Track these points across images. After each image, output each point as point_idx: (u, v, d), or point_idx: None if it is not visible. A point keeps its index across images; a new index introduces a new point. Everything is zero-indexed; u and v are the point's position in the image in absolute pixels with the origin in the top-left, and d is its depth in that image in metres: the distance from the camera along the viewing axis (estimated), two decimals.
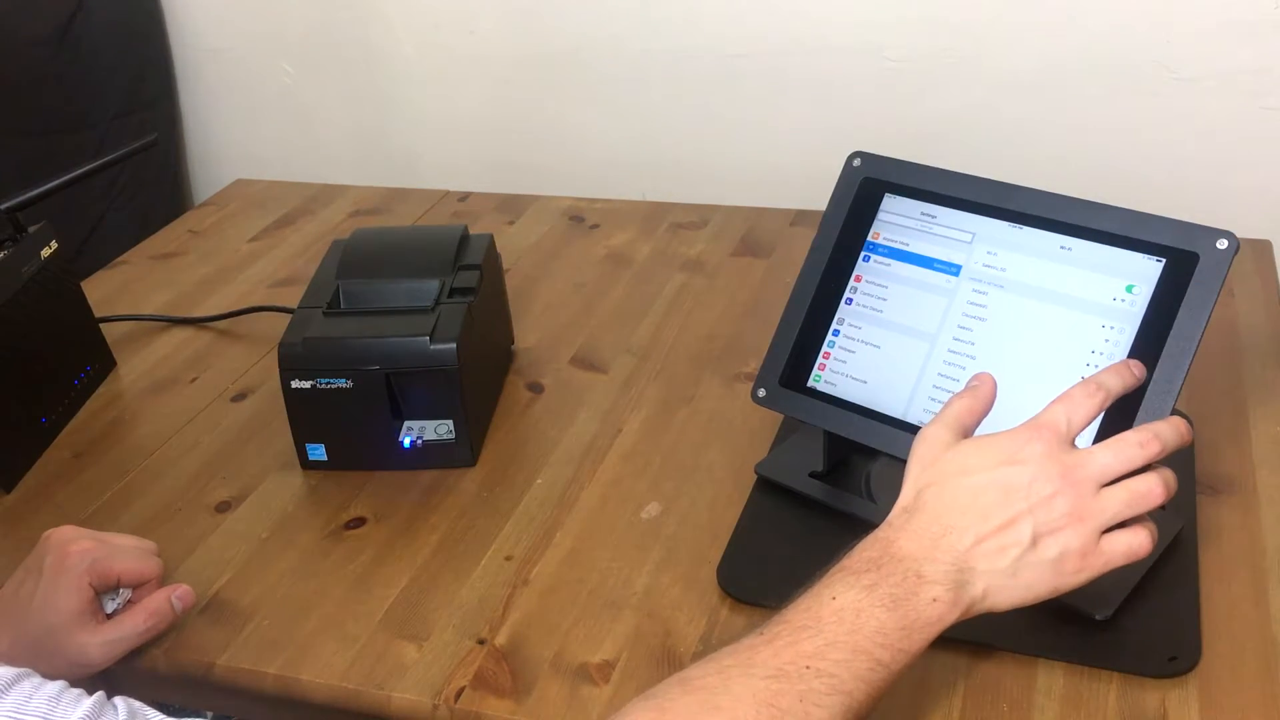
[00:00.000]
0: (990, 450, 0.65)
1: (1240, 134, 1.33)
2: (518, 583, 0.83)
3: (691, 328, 1.15)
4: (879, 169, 0.86)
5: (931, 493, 0.65)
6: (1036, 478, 0.64)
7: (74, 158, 1.10)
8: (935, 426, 0.69)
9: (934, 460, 0.67)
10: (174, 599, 0.79)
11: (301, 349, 0.92)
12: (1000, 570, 0.63)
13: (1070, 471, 0.64)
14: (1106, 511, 0.64)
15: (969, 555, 0.63)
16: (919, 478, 0.67)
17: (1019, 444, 0.65)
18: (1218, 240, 0.72)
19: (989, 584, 0.63)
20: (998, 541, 0.63)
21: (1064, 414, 0.66)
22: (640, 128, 1.58)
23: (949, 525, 0.63)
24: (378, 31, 1.65)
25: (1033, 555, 0.63)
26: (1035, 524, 0.63)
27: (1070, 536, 0.63)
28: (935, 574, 0.62)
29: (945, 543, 0.63)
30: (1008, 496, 0.63)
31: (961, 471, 0.65)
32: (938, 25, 1.39)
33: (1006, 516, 0.63)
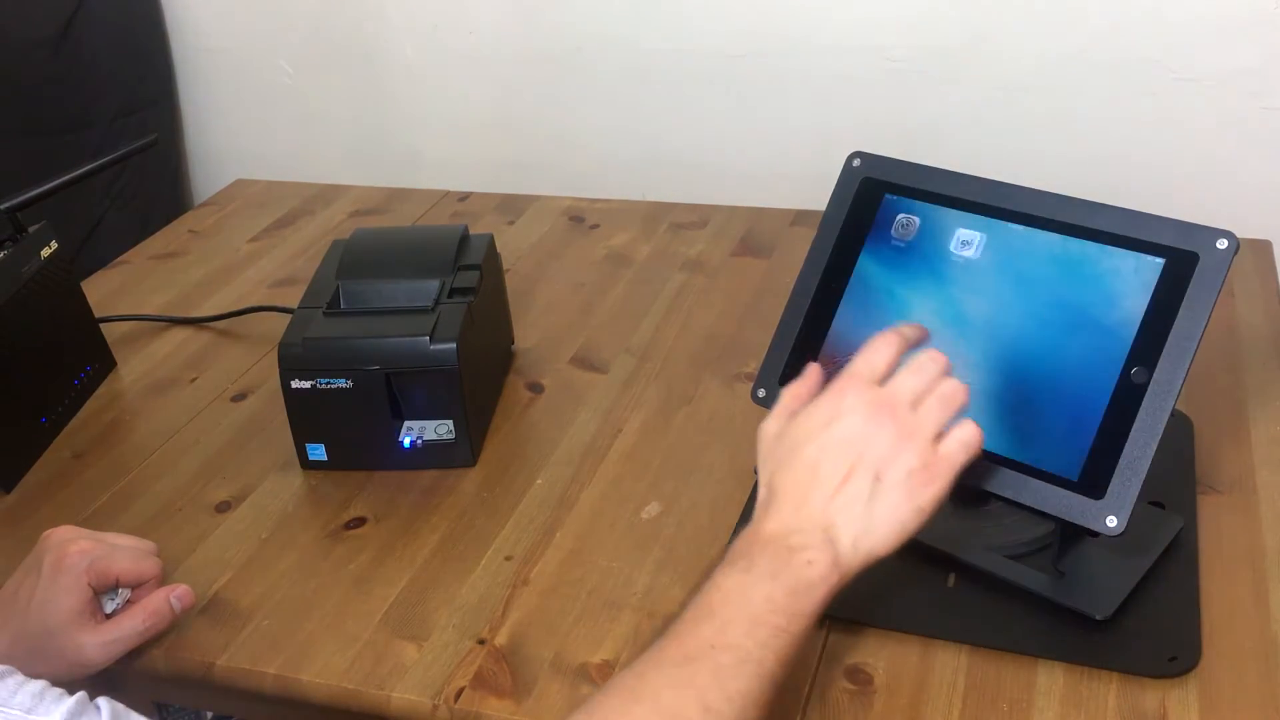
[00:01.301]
0: (812, 418, 0.70)
1: (1240, 134, 1.33)
2: (518, 583, 0.83)
3: (691, 328, 1.15)
4: (879, 169, 0.86)
5: (778, 478, 0.69)
6: (856, 423, 0.68)
7: (74, 158, 1.10)
8: (767, 420, 0.73)
9: (771, 450, 0.71)
10: (173, 599, 0.79)
11: (301, 349, 0.92)
12: (858, 516, 0.66)
13: (883, 404, 0.68)
14: (928, 421, 0.68)
15: (826, 514, 0.66)
16: (764, 471, 0.70)
17: (833, 402, 0.69)
18: (1218, 240, 0.72)
19: (854, 533, 0.66)
20: (845, 494, 0.66)
21: (866, 361, 0.71)
22: (640, 128, 1.58)
23: (801, 499, 0.67)
24: (378, 31, 1.65)
25: (881, 490, 0.66)
26: (872, 463, 0.67)
27: (907, 457, 0.67)
28: (802, 541, 0.65)
29: (803, 513, 0.66)
30: (840, 452, 0.67)
31: (794, 448, 0.69)
32: (938, 25, 1.39)
33: (845, 468, 0.67)
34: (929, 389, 0.69)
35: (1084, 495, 0.72)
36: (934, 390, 0.69)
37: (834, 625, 0.77)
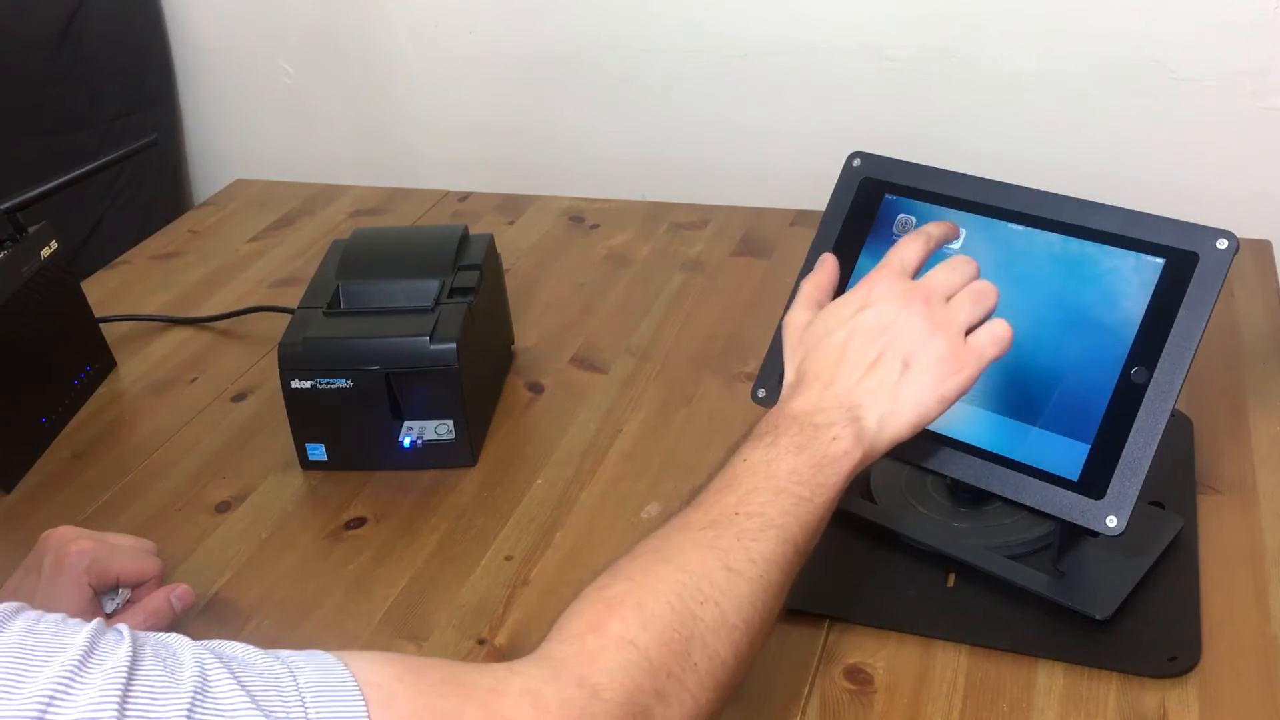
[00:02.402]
0: (843, 307, 0.71)
1: (1240, 134, 1.33)
2: (518, 583, 0.83)
3: (691, 328, 1.15)
4: (879, 169, 0.86)
5: (807, 362, 0.71)
6: (887, 310, 0.69)
7: (74, 158, 1.10)
8: (792, 311, 0.75)
9: (799, 339, 0.73)
10: (173, 598, 0.79)
11: (301, 349, 0.92)
12: (885, 399, 0.68)
13: (915, 293, 0.70)
14: (960, 314, 0.70)
15: (853, 395, 0.68)
16: (793, 357, 0.73)
17: (865, 291, 0.71)
18: (1218, 240, 0.72)
19: (879, 414, 0.67)
20: (874, 376, 0.68)
21: (897, 256, 0.73)
22: (640, 128, 1.58)
23: (829, 379, 0.69)
24: (378, 31, 1.65)
25: (909, 375, 0.68)
26: (902, 348, 0.68)
27: (937, 344, 0.68)
28: (828, 419, 0.66)
29: (830, 393, 0.68)
30: (871, 336, 0.69)
31: (824, 335, 0.71)
32: (938, 25, 1.39)
33: (876, 352, 0.68)
34: (961, 285, 0.71)
35: (1084, 495, 0.72)
36: (966, 287, 0.71)
37: (834, 625, 0.77)
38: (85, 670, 0.43)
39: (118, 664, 0.44)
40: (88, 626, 0.45)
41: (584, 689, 0.53)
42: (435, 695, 0.49)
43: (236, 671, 0.46)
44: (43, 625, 0.45)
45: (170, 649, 0.46)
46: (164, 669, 0.44)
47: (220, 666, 0.46)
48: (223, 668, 0.45)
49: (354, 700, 0.46)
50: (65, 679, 0.42)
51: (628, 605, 0.57)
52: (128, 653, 0.44)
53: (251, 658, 0.48)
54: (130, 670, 0.44)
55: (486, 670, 0.53)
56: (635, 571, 0.60)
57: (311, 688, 0.46)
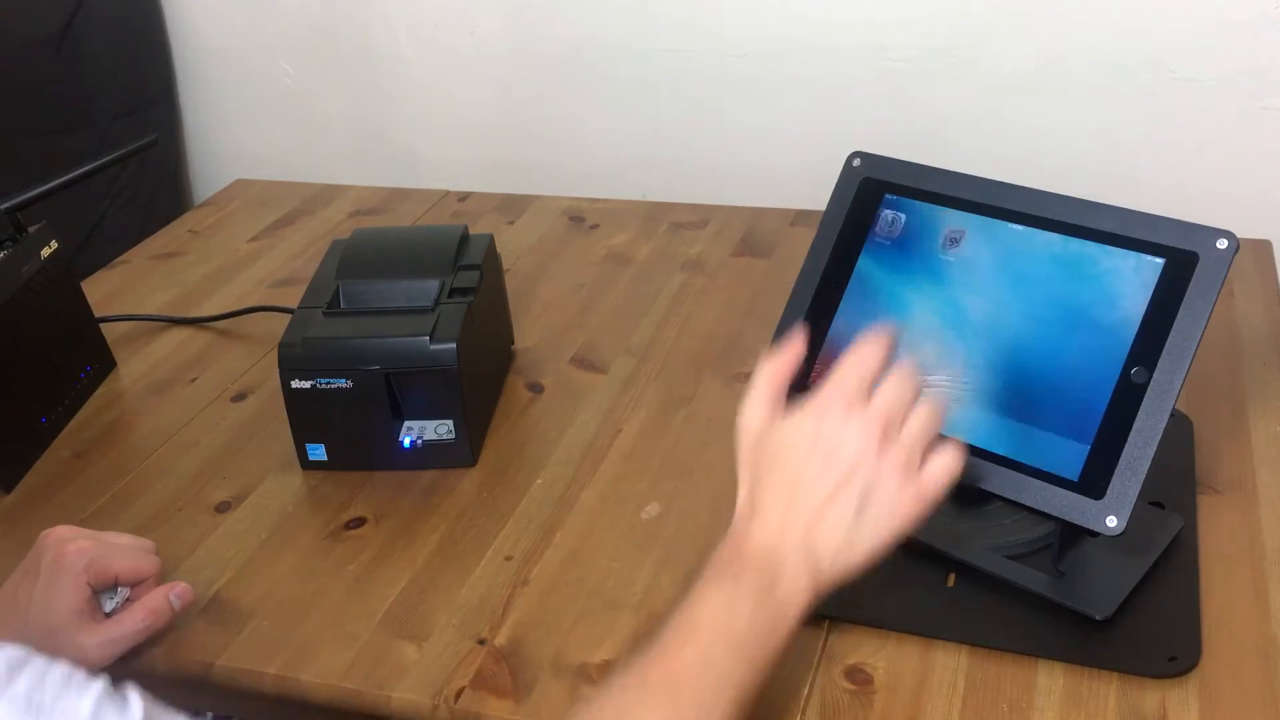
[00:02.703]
0: (796, 431, 0.69)
1: (1240, 134, 1.33)
2: (518, 583, 0.83)
3: (691, 328, 1.14)
4: (879, 169, 0.86)
5: (762, 487, 0.69)
6: (844, 445, 0.67)
7: (74, 158, 1.10)
8: (746, 408, 0.71)
9: (754, 452, 0.70)
10: (172, 597, 0.79)
11: (301, 349, 0.92)
12: (840, 537, 0.67)
13: (872, 426, 0.67)
14: (915, 446, 0.68)
15: (809, 533, 0.67)
16: (745, 471, 0.71)
17: (818, 417, 0.69)
18: (1218, 240, 0.72)
19: (835, 551, 0.67)
20: (830, 515, 0.67)
21: (854, 370, 0.69)
22: (640, 128, 1.58)
23: (784, 514, 0.67)
24: (378, 31, 1.64)
25: (866, 514, 0.67)
26: (858, 486, 0.67)
27: (893, 483, 0.67)
28: (786, 560, 0.66)
29: (787, 529, 0.67)
30: (825, 469, 0.67)
31: (776, 458, 0.69)
32: (938, 25, 1.39)
33: (828, 491, 0.67)
34: (911, 399, 0.69)
35: (1084, 495, 0.72)
36: (915, 407, 0.69)
37: (834, 625, 0.77)
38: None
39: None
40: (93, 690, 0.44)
41: None
42: None
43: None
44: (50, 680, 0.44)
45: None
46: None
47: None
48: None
49: None
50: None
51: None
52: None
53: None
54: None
55: None
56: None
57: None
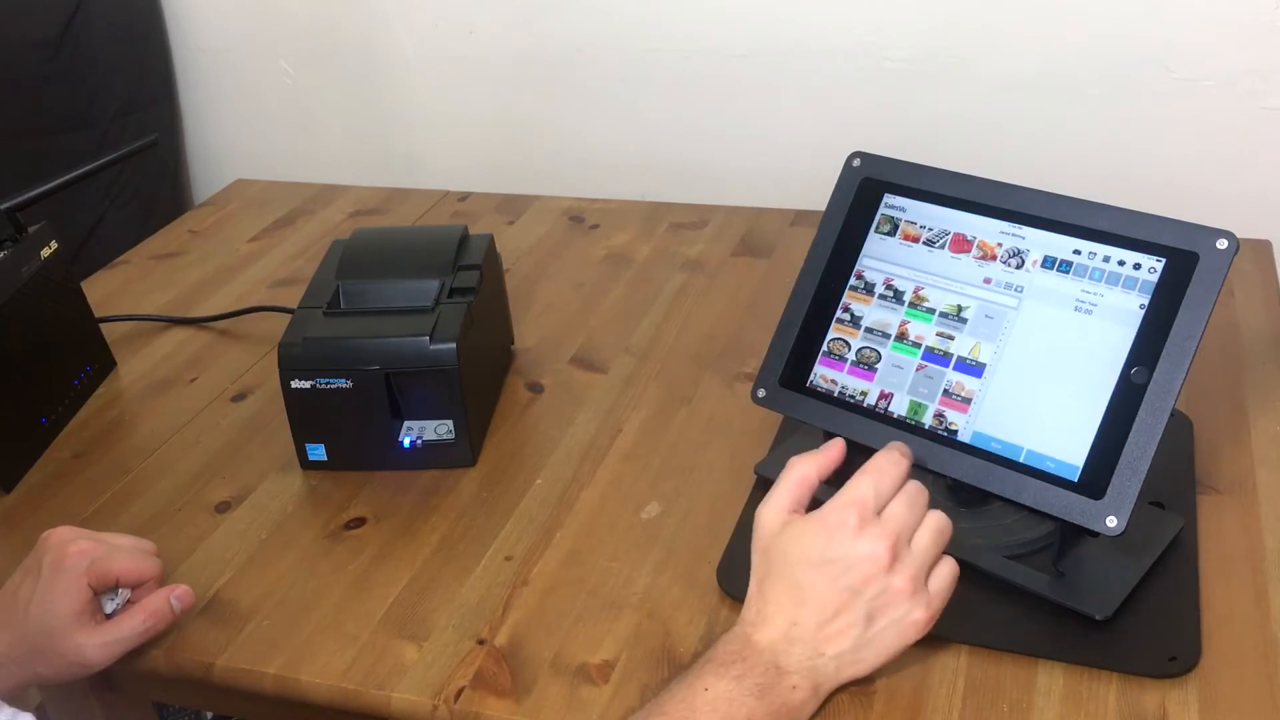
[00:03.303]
0: (809, 538, 0.70)
1: (1240, 134, 1.33)
2: (518, 583, 0.83)
3: (691, 328, 1.14)
4: (879, 169, 0.86)
5: (770, 586, 0.71)
6: (853, 564, 0.69)
7: (74, 158, 1.10)
8: (769, 504, 0.73)
9: (766, 551, 0.72)
10: (173, 599, 0.79)
11: (301, 349, 0.92)
12: (846, 650, 0.69)
13: (879, 546, 0.69)
14: (923, 565, 0.70)
15: (815, 643, 0.69)
16: (758, 568, 0.72)
17: (832, 528, 0.70)
18: (1218, 240, 0.72)
19: (840, 663, 0.69)
20: (836, 627, 0.69)
21: (871, 487, 0.71)
22: (640, 128, 1.58)
23: (793, 619, 0.69)
24: (378, 31, 1.64)
25: (872, 629, 0.69)
26: (866, 606, 0.69)
27: (900, 603, 0.69)
28: (791, 664, 0.68)
29: (794, 634, 0.69)
30: (834, 582, 0.69)
31: (788, 561, 0.70)
32: (938, 26, 1.39)
33: (838, 604, 0.69)
34: (920, 517, 0.71)
35: (1084, 495, 0.72)
36: (923, 527, 0.71)
37: None
38: None
39: None
40: None
41: None
42: None
43: None
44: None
45: None
46: None
47: None
48: None
49: None
50: None
51: None
52: None
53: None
54: None
55: None
56: None
57: None
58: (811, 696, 0.68)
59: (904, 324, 0.83)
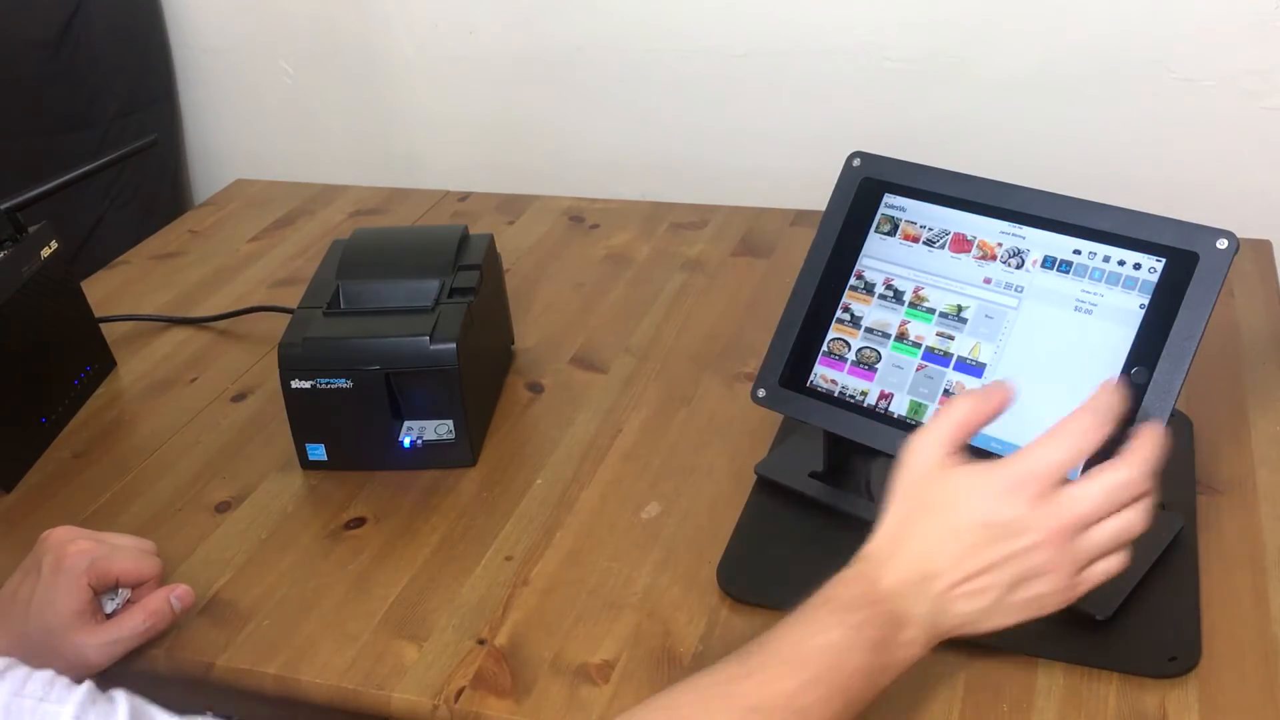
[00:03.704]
0: (976, 489, 0.64)
1: (1240, 134, 1.33)
2: (518, 583, 0.83)
3: (691, 328, 1.14)
4: (879, 169, 0.86)
5: (915, 526, 0.65)
6: (1021, 528, 0.62)
7: (74, 158, 1.10)
8: (925, 438, 0.66)
9: (917, 487, 0.66)
10: (173, 599, 0.79)
11: (301, 349, 0.92)
12: (976, 610, 0.64)
13: (1057, 518, 0.62)
14: (1092, 551, 0.64)
15: (946, 598, 0.63)
16: (902, 503, 0.66)
17: (1006, 487, 0.63)
18: (1218, 240, 0.72)
19: (963, 619, 0.64)
20: (976, 585, 0.63)
21: (1056, 457, 0.63)
22: (640, 128, 1.58)
23: (930, 569, 0.63)
24: (378, 31, 1.65)
25: (1010, 597, 0.64)
26: (1016, 572, 0.63)
27: (1050, 580, 0.63)
28: (914, 614, 0.63)
29: (926, 585, 0.63)
30: (991, 542, 0.63)
31: (944, 507, 0.64)
32: (938, 26, 1.39)
33: (987, 562, 0.63)
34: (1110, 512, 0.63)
35: None
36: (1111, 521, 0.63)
37: None
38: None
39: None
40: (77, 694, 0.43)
41: None
42: None
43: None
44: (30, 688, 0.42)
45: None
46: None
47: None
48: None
49: None
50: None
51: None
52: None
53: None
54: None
55: None
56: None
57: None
58: (921, 652, 0.63)
59: (904, 324, 0.83)
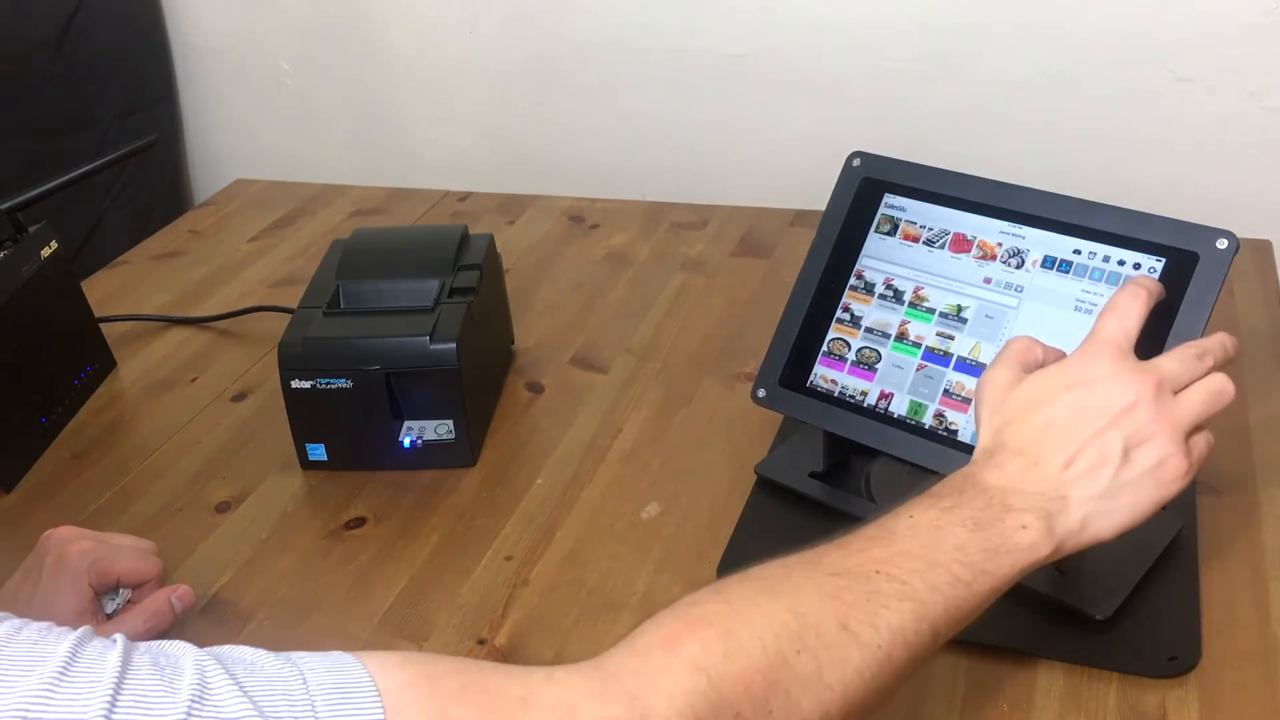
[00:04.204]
0: (1057, 377, 0.63)
1: (1240, 134, 1.33)
2: (518, 583, 0.83)
3: (691, 328, 1.14)
4: (879, 169, 0.86)
5: (1010, 431, 0.63)
6: (1112, 392, 0.61)
7: (74, 158, 1.10)
8: (995, 368, 0.66)
9: (1002, 401, 0.65)
10: (174, 599, 0.79)
11: (301, 349, 0.92)
12: (1097, 494, 0.60)
13: (1145, 379, 0.62)
14: (1190, 411, 0.62)
15: (1060, 483, 0.60)
16: (991, 420, 0.64)
17: (1084, 364, 0.63)
18: (1218, 240, 0.72)
19: (1086, 511, 0.60)
20: (1087, 461, 0.60)
21: (1118, 324, 0.64)
22: (640, 128, 1.58)
23: (1034, 456, 0.61)
24: (378, 31, 1.65)
25: (1128, 470, 0.60)
26: (1124, 436, 0.60)
27: (1163, 442, 0.61)
28: (1023, 503, 0.59)
29: (1034, 474, 0.60)
30: (1089, 417, 0.61)
31: (1034, 404, 0.63)
32: (937, 26, 1.39)
33: (1091, 434, 0.60)
34: (1189, 381, 0.63)
35: None
36: (1202, 382, 0.63)
37: None
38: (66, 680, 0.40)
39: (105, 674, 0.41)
40: (73, 634, 0.42)
41: (632, 710, 0.47)
42: (452, 703, 0.45)
43: (241, 677, 0.43)
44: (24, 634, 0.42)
45: (172, 657, 0.44)
46: (161, 678, 0.42)
47: (222, 673, 0.43)
48: (225, 674, 0.43)
49: (370, 703, 0.43)
50: (44, 690, 0.40)
51: (714, 629, 0.51)
52: (116, 662, 0.42)
53: (261, 661, 0.45)
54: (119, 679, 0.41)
55: (519, 676, 0.48)
56: (737, 596, 0.54)
57: (323, 690, 0.43)
58: (1044, 541, 0.58)
59: (904, 324, 0.83)
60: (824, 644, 0.52)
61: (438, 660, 0.48)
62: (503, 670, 0.48)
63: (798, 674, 0.51)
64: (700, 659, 0.49)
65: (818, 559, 0.56)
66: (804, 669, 0.51)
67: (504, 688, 0.47)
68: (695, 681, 0.48)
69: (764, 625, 0.52)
